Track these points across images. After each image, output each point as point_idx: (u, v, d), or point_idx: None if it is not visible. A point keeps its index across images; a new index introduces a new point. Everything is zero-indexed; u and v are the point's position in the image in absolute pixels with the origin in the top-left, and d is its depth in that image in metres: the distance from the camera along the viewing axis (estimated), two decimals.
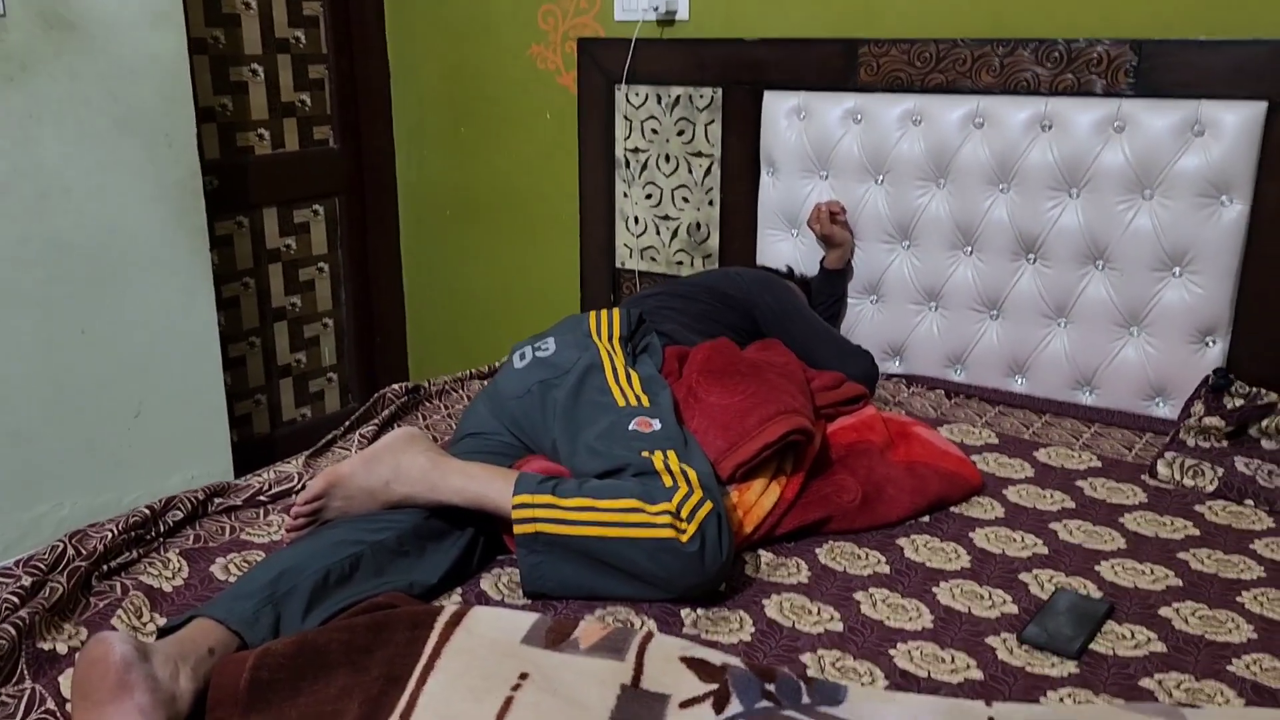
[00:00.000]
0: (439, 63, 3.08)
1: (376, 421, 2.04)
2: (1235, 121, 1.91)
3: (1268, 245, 1.94)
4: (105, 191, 2.38)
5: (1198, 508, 1.72)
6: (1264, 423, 1.91)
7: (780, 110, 2.36)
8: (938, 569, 1.54)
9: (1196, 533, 1.64)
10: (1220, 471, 1.78)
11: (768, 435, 1.60)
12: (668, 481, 1.42)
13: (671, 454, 1.47)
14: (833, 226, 2.27)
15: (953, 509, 1.73)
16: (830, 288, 2.34)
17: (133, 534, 1.53)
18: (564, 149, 2.85)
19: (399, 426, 2.06)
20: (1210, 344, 2.02)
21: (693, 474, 1.44)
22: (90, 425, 2.45)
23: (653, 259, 2.70)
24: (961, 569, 1.54)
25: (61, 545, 1.45)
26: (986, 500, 1.76)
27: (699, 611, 1.42)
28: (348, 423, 2.04)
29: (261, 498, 1.71)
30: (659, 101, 2.59)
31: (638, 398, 1.60)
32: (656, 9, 2.55)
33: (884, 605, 1.44)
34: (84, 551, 1.45)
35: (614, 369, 1.65)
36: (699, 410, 1.68)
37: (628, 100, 2.63)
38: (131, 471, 2.53)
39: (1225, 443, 1.90)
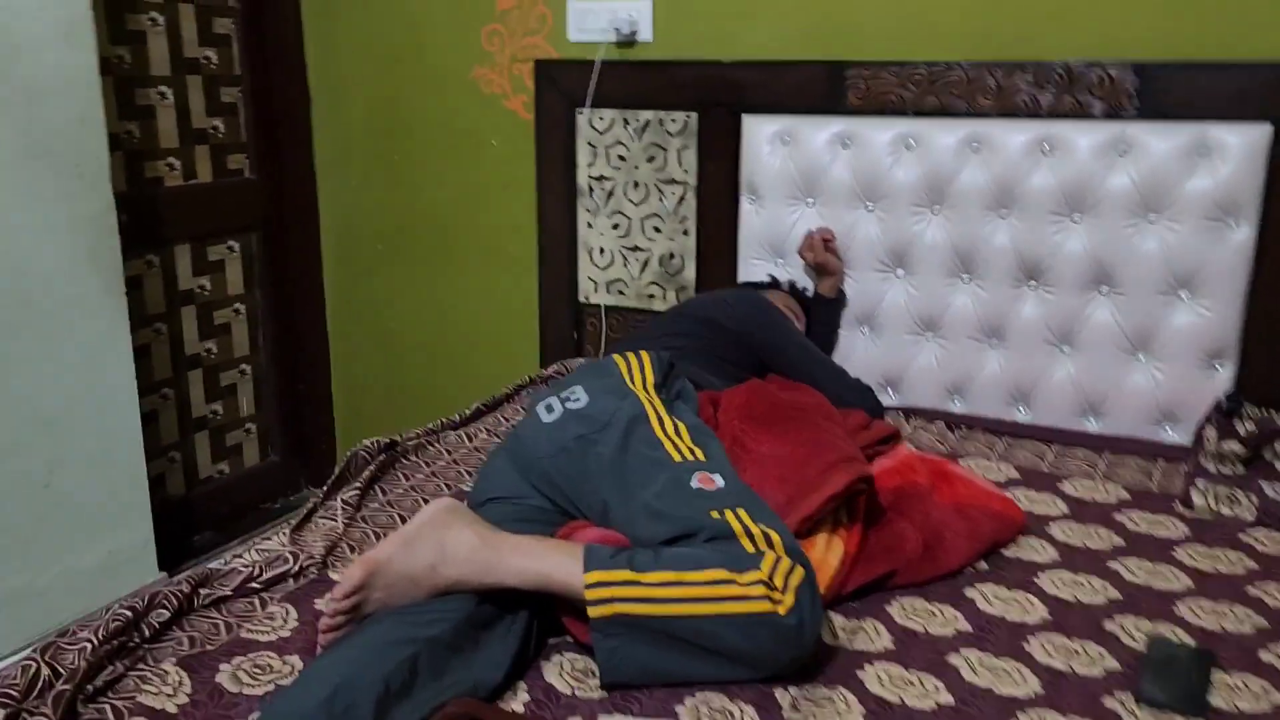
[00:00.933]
0: (367, 85, 2.85)
1: (358, 484, 1.81)
2: (1241, 144, 1.90)
3: (1276, 267, 1.94)
4: (10, 229, 2.08)
5: (1243, 538, 1.68)
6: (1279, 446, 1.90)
7: (762, 135, 2.26)
8: (1019, 622, 1.44)
9: (1255, 565, 1.60)
10: (1255, 499, 1.76)
11: (832, 486, 1.47)
12: (749, 546, 1.27)
13: (744, 513, 1.32)
14: (826, 254, 2.18)
15: (1004, 551, 1.64)
16: (827, 317, 2.24)
17: (115, 642, 1.28)
18: (515, 178, 2.67)
19: (378, 487, 1.86)
20: (1219, 367, 2.00)
21: (775, 536, 1.29)
22: None
23: (620, 292, 2.54)
24: (1043, 621, 1.44)
25: (34, 664, 1.19)
26: (1035, 541, 1.68)
27: (793, 691, 1.27)
28: (324, 488, 1.81)
29: (254, 584, 1.47)
30: (626, 126, 2.44)
31: (691, 450, 1.44)
32: (618, 30, 2.41)
33: (984, 669, 1.33)
34: (62, 670, 1.20)
35: (659, 419, 1.49)
36: (749, 461, 1.54)
37: (591, 125, 2.48)
38: (42, 549, 2.22)
39: (1243, 468, 1.88)
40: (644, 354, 1.63)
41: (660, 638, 1.23)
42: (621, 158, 2.47)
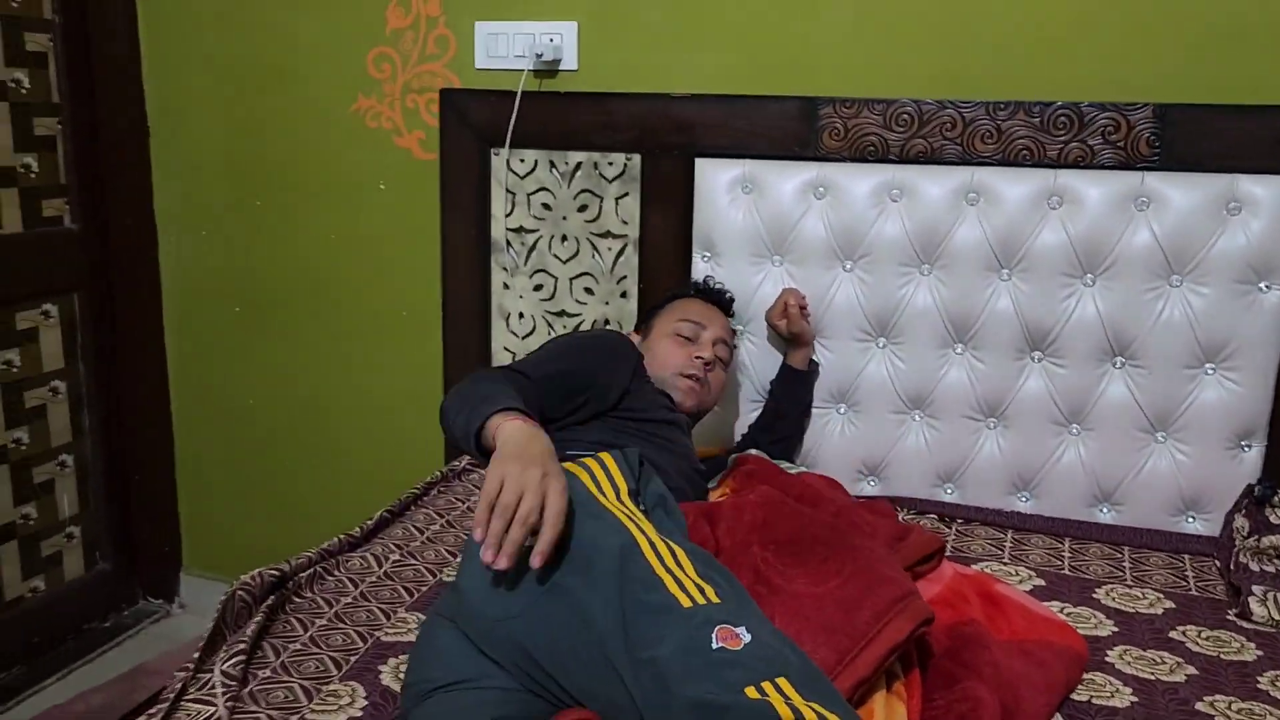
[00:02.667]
0: (223, 116, 2.37)
1: (242, 646, 1.35)
2: (1274, 197, 1.68)
3: None
4: None
5: None
6: None
7: (719, 182, 1.92)
8: None
9: None
10: None
11: (891, 635, 1.14)
12: None
13: (787, 685, 0.96)
14: (802, 322, 1.85)
15: (1074, 695, 1.34)
16: (797, 393, 1.91)
17: None
18: (409, 229, 2.24)
19: (268, 644, 1.40)
20: (1247, 449, 1.77)
21: (832, 718, 0.93)
22: None
23: None
24: None
25: None
26: (1101, 678, 1.38)
27: None
28: (196, 656, 1.33)
29: None
30: (553, 169, 2.06)
31: (699, 588, 1.07)
32: (539, 56, 2.03)
33: None
34: None
35: (652, 546, 1.12)
36: (779, 605, 1.18)
37: (509, 168, 2.08)
38: None
39: None
40: (606, 458, 1.26)
41: None
42: (547, 206, 2.08)
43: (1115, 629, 1.50)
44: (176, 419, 2.60)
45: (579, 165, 2.04)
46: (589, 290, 2.09)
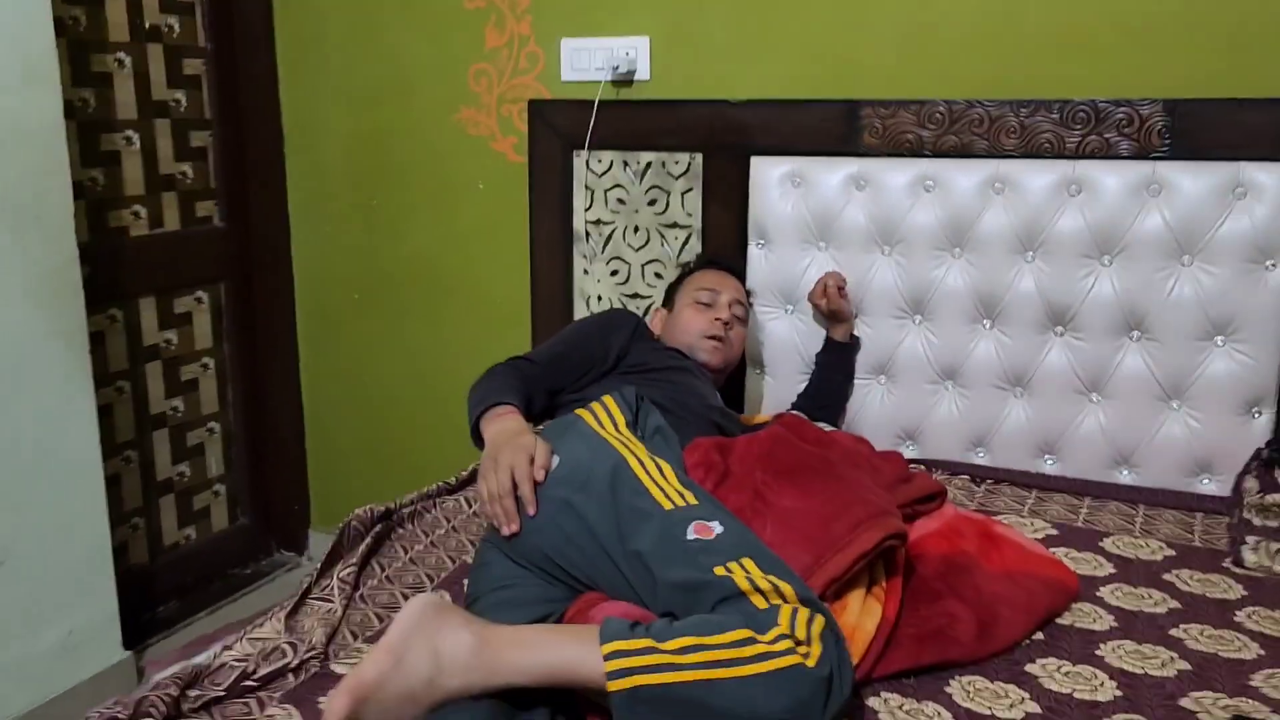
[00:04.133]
0: (345, 127, 2.72)
1: (354, 561, 1.66)
2: (1277, 184, 1.83)
3: None
4: None
5: None
6: None
7: (771, 177, 2.16)
8: (1090, 702, 1.32)
9: None
10: None
11: (861, 544, 1.35)
12: (760, 603, 1.16)
13: (750, 564, 1.21)
14: (840, 300, 2.07)
15: (1059, 620, 1.53)
16: (840, 365, 2.13)
17: None
18: (503, 223, 2.54)
19: (376, 562, 1.70)
20: (1257, 415, 1.91)
21: (786, 587, 1.18)
22: None
23: None
24: (1116, 700, 1.32)
25: None
26: (1089, 607, 1.56)
27: None
28: (319, 566, 1.65)
29: (250, 682, 1.31)
30: (626, 168, 2.33)
31: (680, 494, 1.34)
32: (616, 69, 2.30)
33: None
34: None
35: (640, 462, 1.38)
36: (771, 518, 1.41)
37: (588, 167, 2.36)
38: None
39: None
40: (606, 399, 1.53)
41: (688, 709, 1.09)
42: (621, 201, 2.35)
43: (1113, 570, 1.68)
44: (306, 392, 2.96)
45: (649, 164, 2.31)
46: (658, 275, 2.35)
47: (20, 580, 2.06)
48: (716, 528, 1.27)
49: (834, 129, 2.12)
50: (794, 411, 1.99)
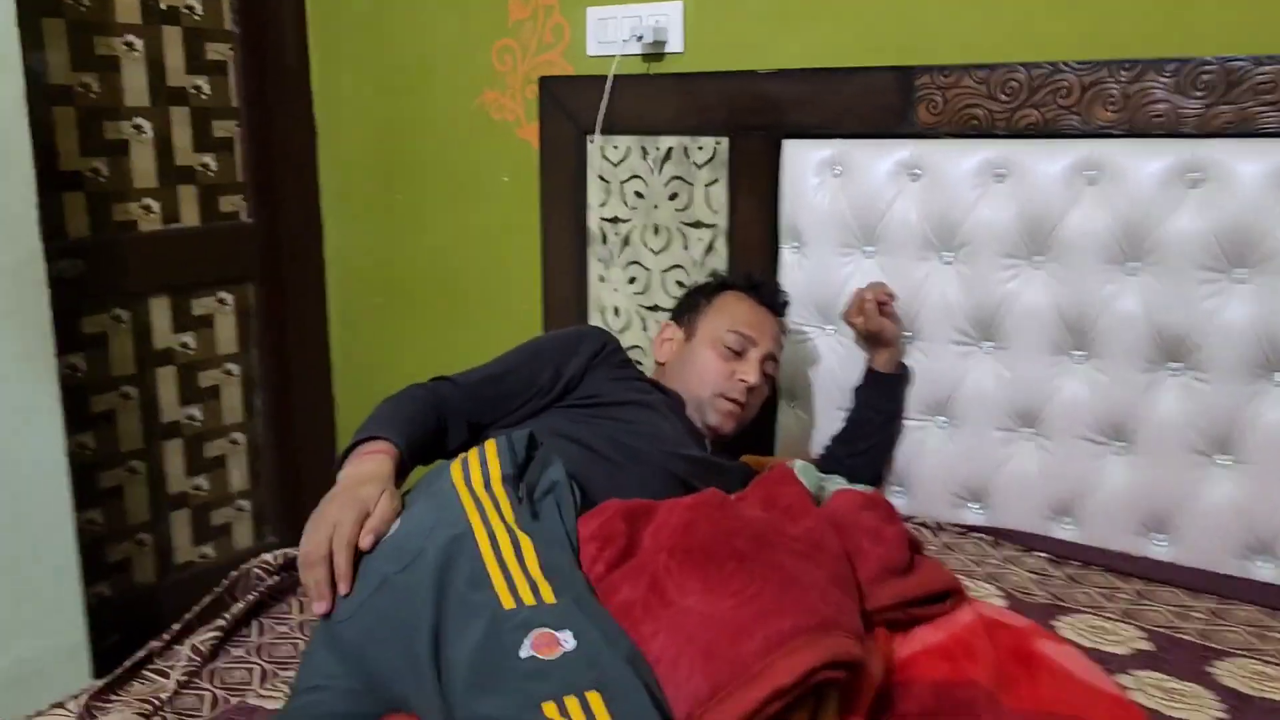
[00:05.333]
0: (372, 115, 2.47)
1: (222, 624, 1.37)
2: None
3: None
4: None
5: None
6: None
7: (808, 164, 1.74)
8: None
9: None
10: None
11: (781, 674, 0.93)
12: None
13: (596, 701, 0.84)
14: (882, 320, 1.63)
15: None
16: (883, 400, 1.69)
17: None
18: (527, 219, 2.22)
19: (261, 621, 1.41)
20: None
21: None
22: None
23: (640, 362, 2.05)
24: None
25: None
26: None
27: None
28: (181, 623, 1.37)
29: None
30: (645, 156, 1.96)
31: (534, 587, 0.96)
32: (640, 38, 1.94)
33: None
34: None
35: (491, 536, 1.02)
36: (666, 619, 1.01)
37: (603, 155, 2.01)
38: None
39: None
40: (489, 444, 1.17)
41: None
42: (639, 195, 1.99)
43: (1223, 715, 1.19)
44: (339, 403, 2.74)
45: (669, 151, 1.93)
46: (680, 284, 1.97)
47: None
48: (566, 641, 0.90)
49: (883, 103, 1.68)
50: (798, 463, 1.54)
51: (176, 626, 1.38)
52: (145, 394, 2.41)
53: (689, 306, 1.70)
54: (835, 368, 1.77)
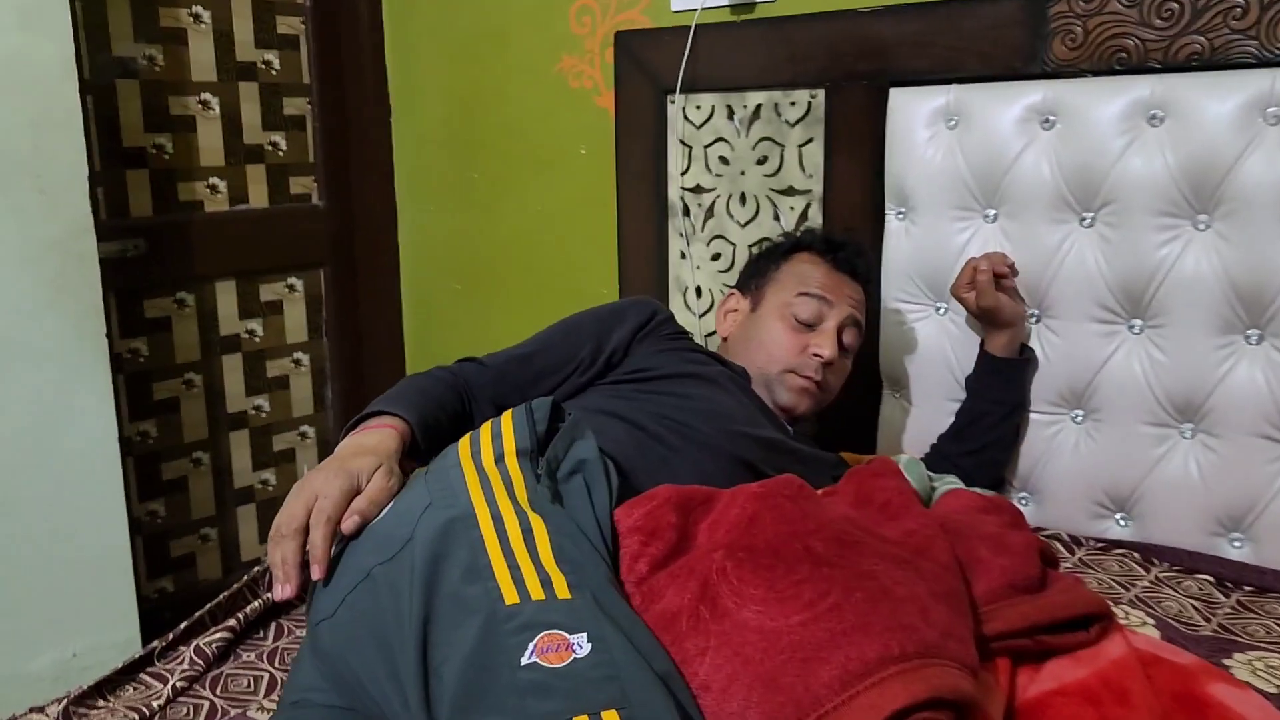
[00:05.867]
0: (447, 90, 2.32)
1: (233, 624, 1.21)
2: None
3: None
4: None
5: None
6: None
7: (918, 115, 1.49)
8: None
9: None
10: None
11: (864, 713, 0.70)
12: None
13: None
14: (998, 295, 1.38)
15: None
16: (1001, 389, 1.43)
17: None
18: (605, 193, 2.03)
19: (283, 622, 1.25)
20: None
21: None
22: None
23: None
24: None
25: None
26: None
27: None
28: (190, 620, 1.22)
29: None
30: (730, 116, 1.74)
31: (544, 577, 0.77)
32: None
33: None
34: None
35: (496, 517, 0.82)
36: (719, 635, 0.80)
37: (685, 117, 1.80)
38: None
39: None
40: (505, 415, 0.98)
41: None
42: (724, 160, 1.77)
43: None
44: None
45: (758, 109, 1.71)
46: None
47: (12, 592, 1.80)
48: (580, 647, 0.71)
49: (1009, 38, 1.43)
50: (904, 457, 1.29)
51: (184, 625, 1.23)
52: (210, 382, 2.30)
53: (755, 272, 1.47)
54: (948, 352, 1.51)
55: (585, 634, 0.71)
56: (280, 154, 2.36)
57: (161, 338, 2.20)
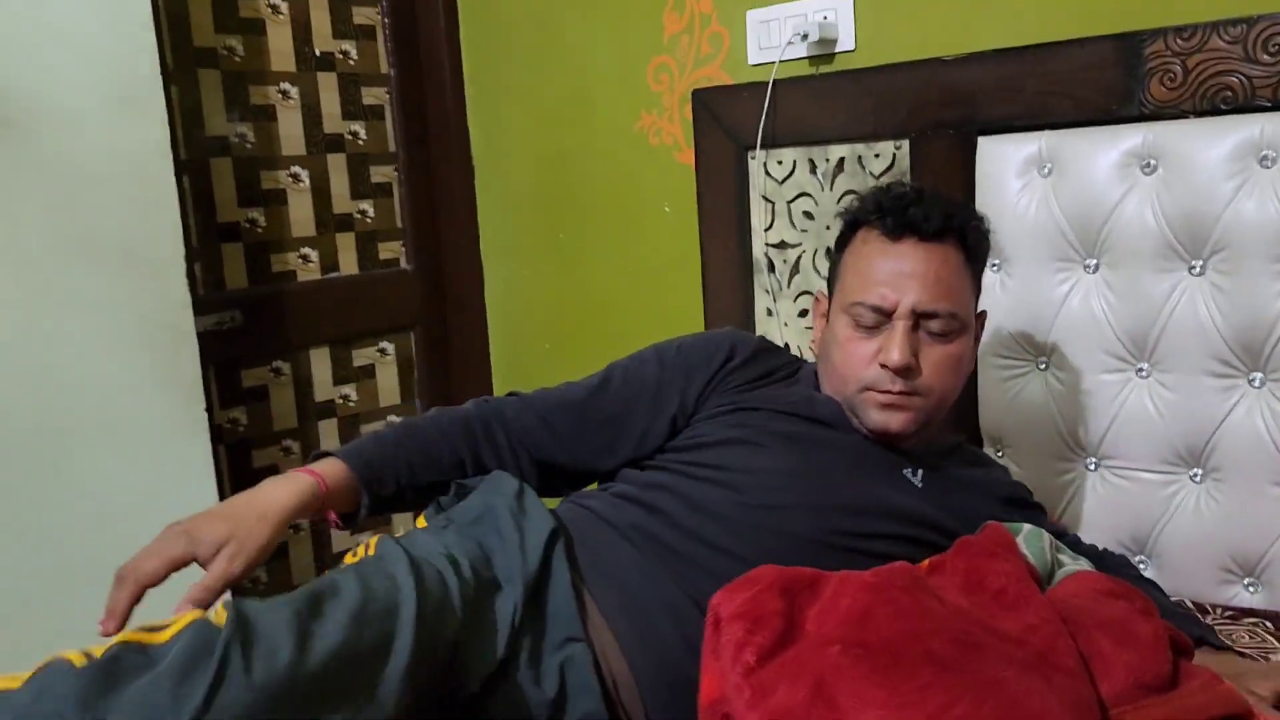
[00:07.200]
0: (530, 151, 2.33)
1: None
2: None
3: None
4: (54, 341, 1.73)
5: None
6: None
7: (1008, 163, 1.44)
8: None
9: None
10: None
11: None
12: None
13: None
14: None
15: None
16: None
17: None
18: (689, 250, 2.01)
19: None
20: None
21: None
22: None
23: None
24: None
25: None
26: None
27: None
28: None
29: None
30: (813, 170, 1.71)
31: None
32: (805, 37, 1.70)
33: None
34: None
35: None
36: None
37: (766, 172, 1.77)
38: None
39: None
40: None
41: None
42: (808, 215, 1.73)
43: None
44: None
45: (841, 162, 1.67)
46: None
47: None
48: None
49: (1102, 81, 1.36)
50: (1026, 526, 1.19)
51: None
52: (307, 448, 2.34)
53: (831, 265, 1.27)
54: (1053, 409, 1.44)
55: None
56: (369, 221, 2.40)
57: (259, 407, 2.25)
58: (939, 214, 1.14)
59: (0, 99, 1.67)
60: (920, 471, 1.17)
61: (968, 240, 1.16)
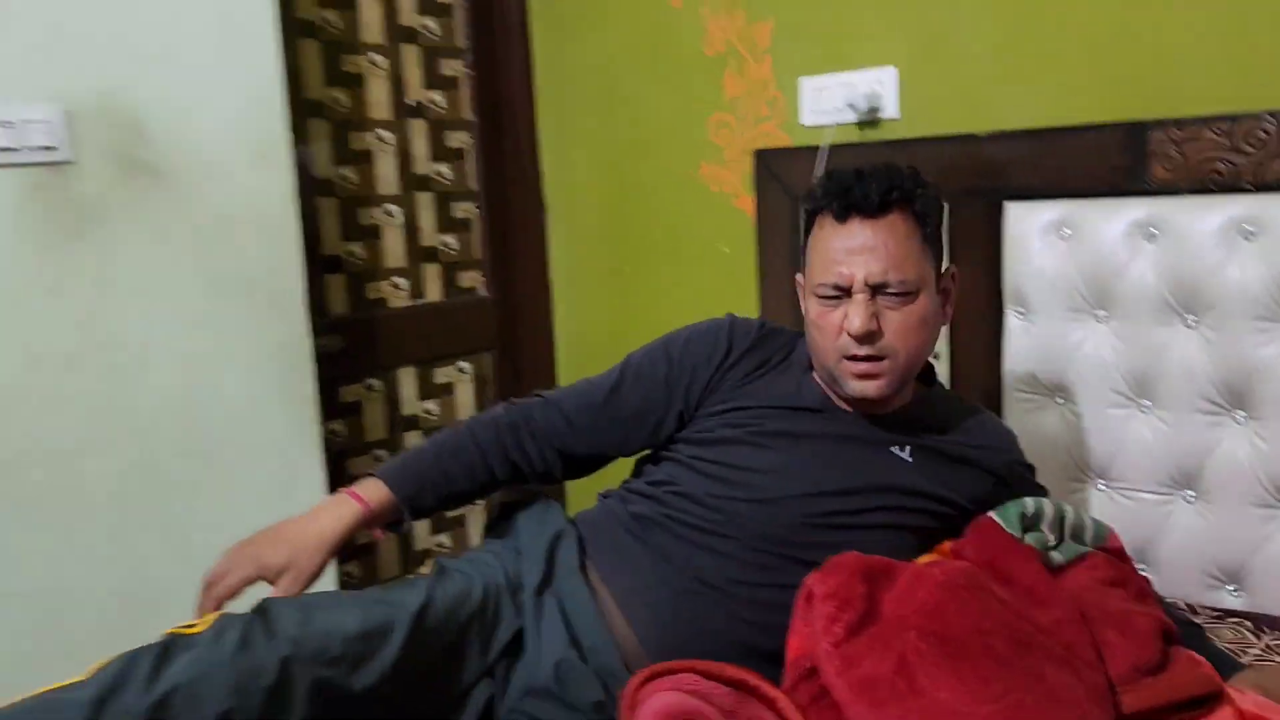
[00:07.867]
0: (597, 193, 2.59)
1: None
2: None
3: None
4: (192, 364, 1.99)
5: None
6: None
7: (1032, 226, 1.68)
8: None
9: None
10: None
11: None
12: None
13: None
14: None
15: None
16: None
17: None
18: (746, 288, 2.26)
19: None
20: None
21: None
22: None
23: None
24: None
25: None
26: None
27: None
28: None
29: None
30: None
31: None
32: (854, 107, 1.95)
33: None
34: None
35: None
36: (918, 709, 1.00)
37: None
38: None
39: None
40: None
41: None
42: None
43: None
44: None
45: None
46: None
47: None
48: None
49: (1113, 161, 1.61)
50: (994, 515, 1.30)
51: None
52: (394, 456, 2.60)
53: (801, 253, 1.38)
54: (1067, 438, 1.68)
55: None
56: (452, 253, 2.67)
57: (355, 420, 2.51)
58: (878, 190, 1.24)
59: (156, 153, 1.94)
60: (909, 448, 1.32)
61: (915, 207, 1.27)
